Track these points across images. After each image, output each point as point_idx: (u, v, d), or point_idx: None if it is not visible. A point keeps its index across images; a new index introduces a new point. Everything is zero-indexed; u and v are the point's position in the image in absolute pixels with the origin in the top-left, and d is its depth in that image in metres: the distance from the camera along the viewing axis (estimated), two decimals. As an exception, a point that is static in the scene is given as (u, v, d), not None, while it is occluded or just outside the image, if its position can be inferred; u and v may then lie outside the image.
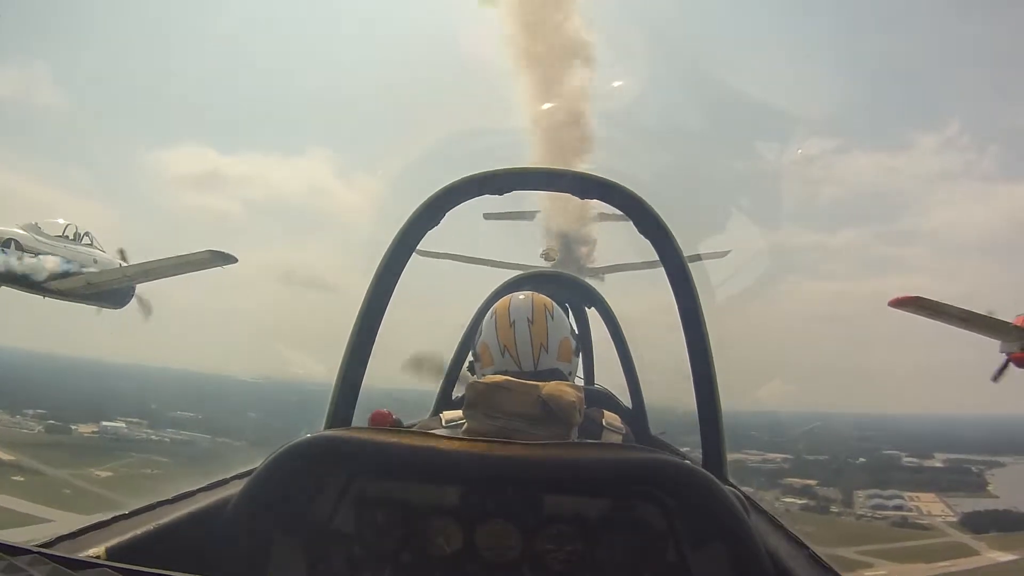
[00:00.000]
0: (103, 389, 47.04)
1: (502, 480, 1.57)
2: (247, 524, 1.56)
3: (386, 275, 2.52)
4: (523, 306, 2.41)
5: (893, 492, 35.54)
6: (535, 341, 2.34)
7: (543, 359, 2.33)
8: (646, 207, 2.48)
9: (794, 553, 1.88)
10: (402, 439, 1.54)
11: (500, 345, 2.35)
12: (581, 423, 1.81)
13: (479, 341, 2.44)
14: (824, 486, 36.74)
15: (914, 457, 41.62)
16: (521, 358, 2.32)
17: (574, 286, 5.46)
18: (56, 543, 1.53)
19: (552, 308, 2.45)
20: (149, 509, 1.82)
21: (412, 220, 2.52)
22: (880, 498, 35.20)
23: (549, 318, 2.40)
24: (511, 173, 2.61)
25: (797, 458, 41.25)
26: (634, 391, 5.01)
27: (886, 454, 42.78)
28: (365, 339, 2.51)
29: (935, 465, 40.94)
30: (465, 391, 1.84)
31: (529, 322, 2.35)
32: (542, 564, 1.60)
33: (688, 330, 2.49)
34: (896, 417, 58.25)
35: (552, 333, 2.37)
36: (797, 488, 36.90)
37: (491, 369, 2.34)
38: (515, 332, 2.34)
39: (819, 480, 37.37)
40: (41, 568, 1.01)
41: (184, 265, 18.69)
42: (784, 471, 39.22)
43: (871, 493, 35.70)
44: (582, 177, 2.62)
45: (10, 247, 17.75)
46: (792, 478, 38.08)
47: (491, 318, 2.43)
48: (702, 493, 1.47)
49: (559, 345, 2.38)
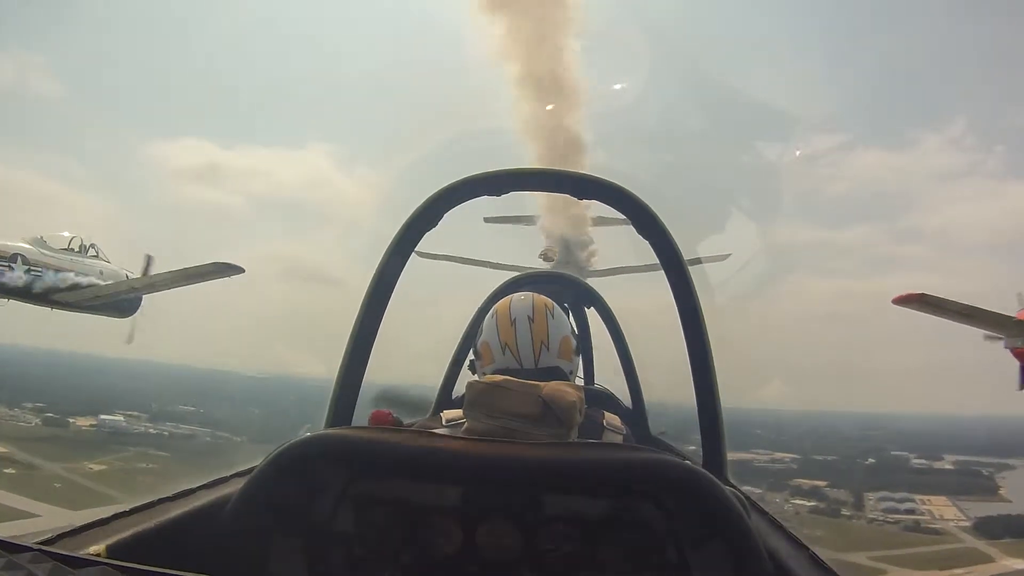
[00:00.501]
0: (103, 384, 46.78)
1: (502, 480, 1.55)
2: (247, 522, 1.55)
3: (385, 276, 2.53)
4: (524, 305, 2.42)
5: (904, 495, 34.94)
6: (536, 339, 2.36)
7: (544, 357, 2.35)
8: (645, 208, 2.49)
9: (794, 553, 1.88)
10: (402, 439, 1.56)
11: (501, 343, 2.37)
12: (582, 423, 1.79)
13: (480, 340, 2.46)
14: (834, 487, 36.12)
15: (923, 458, 41.18)
16: (522, 356, 2.34)
17: (574, 286, 5.45)
18: (57, 540, 1.54)
19: (552, 307, 2.46)
20: (150, 507, 1.82)
21: (410, 222, 2.53)
22: (891, 501, 34.48)
23: (550, 316, 2.41)
24: (509, 174, 2.62)
25: (805, 458, 40.97)
26: (634, 391, 5.02)
27: (894, 455, 42.40)
28: (365, 339, 2.53)
29: (945, 467, 40.50)
30: (465, 390, 1.83)
31: (530, 320, 2.37)
32: (542, 564, 1.59)
33: (688, 331, 2.49)
34: (900, 416, 58.25)
35: (553, 331, 2.39)
36: (806, 490, 36.30)
37: (492, 367, 2.36)
38: (516, 330, 2.36)
39: (828, 481, 36.82)
40: (42, 565, 1.02)
41: (190, 277, 18.68)
42: (793, 471, 38.78)
43: (882, 496, 34.98)
44: (581, 178, 2.62)
45: (16, 262, 17.64)
46: (801, 479, 37.58)
47: (492, 317, 2.45)
48: (702, 493, 1.47)
49: (560, 343, 2.40)
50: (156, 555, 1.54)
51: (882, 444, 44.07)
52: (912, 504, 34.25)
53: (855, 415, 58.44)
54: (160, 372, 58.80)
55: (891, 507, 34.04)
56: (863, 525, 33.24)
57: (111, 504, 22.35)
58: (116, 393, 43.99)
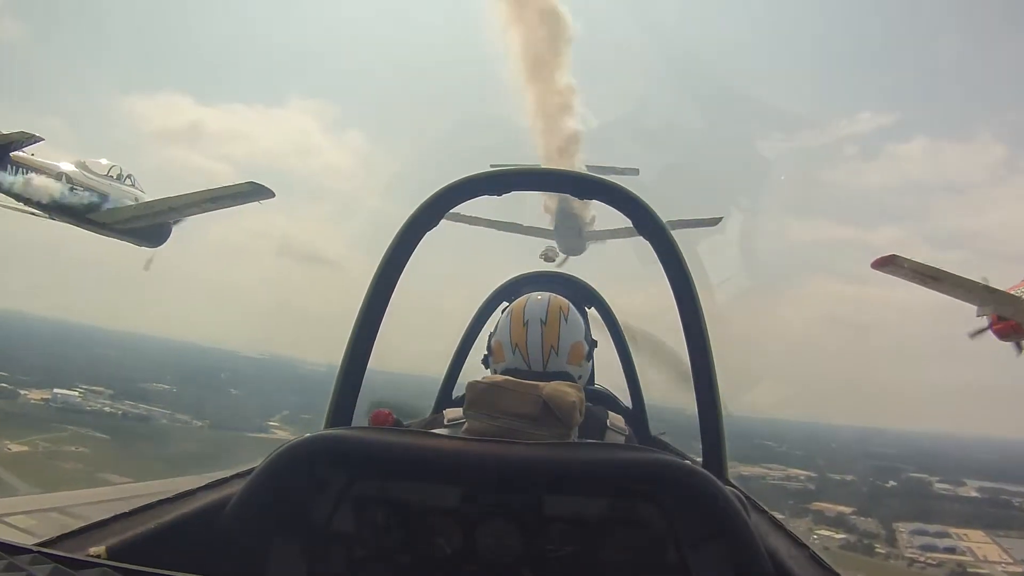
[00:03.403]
0: (80, 355, 42.86)
1: (502, 480, 1.52)
2: (247, 524, 1.53)
3: (386, 275, 2.45)
4: (538, 307, 2.40)
5: (939, 529, 30.90)
6: (546, 343, 2.34)
7: (552, 361, 2.33)
8: (646, 208, 2.45)
9: (794, 553, 1.81)
10: (402, 439, 1.57)
11: (512, 343, 2.36)
12: (585, 422, 1.74)
13: (494, 338, 2.47)
14: (860, 515, 32.25)
15: (946, 483, 37.78)
16: (531, 358, 2.34)
17: (574, 286, 4.96)
18: (57, 542, 1.51)
19: (568, 311, 2.44)
20: (150, 508, 1.76)
21: (411, 221, 2.46)
22: (927, 535, 30.48)
23: (563, 320, 2.39)
24: (511, 174, 2.62)
25: (821, 476, 38.09)
26: (634, 391, 4.91)
27: (915, 477, 39.08)
28: (366, 339, 2.43)
29: (971, 494, 36.86)
30: (465, 390, 1.76)
31: (542, 323, 2.36)
32: (542, 564, 1.56)
33: (688, 332, 2.42)
34: (904, 432, 54.08)
35: (564, 336, 2.37)
36: (831, 517, 32.35)
37: (502, 365, 2.38)
38: (527, 332, 2.35)
39: (854, 508, 32.98)
40: (42, 567, 0.99)
41: (224, 198, 18.64)
42: (811, 493, 35.45)
43: (915, 529, 30.88)
44: (581, 178, 2.63)
45: (62, 180, 18.35)
46: (822, 502, 33.89)
47: (507, 316, 2.45)
48: (702, 493, 1.46)
49: (570, 348, 2.37)
50: (156, 556, 1.53)
51: (895, 463, 41.14)
52: (950, 541, 30.07)
53: (856, 429, 54.64)
54: (155, 347, 55.24)
55: (928, 544, 29.78)
56: (902, 568, 28.96)
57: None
58: (97, 365, 40.12)
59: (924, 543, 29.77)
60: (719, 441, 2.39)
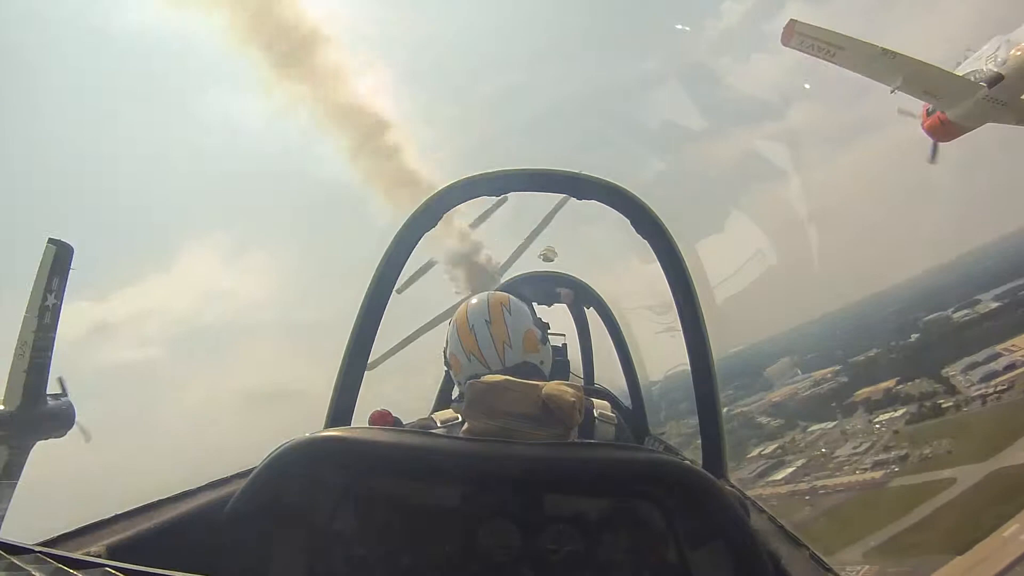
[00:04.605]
0: None
1: (502, 480, 1.53)
2: (247, 523, 1.51)
3: (384, 277, 2.49)
4: (479, 309, 2.34)
5: (987, 353, 27.69)
6: (497, 340, 2.28)
7: (508, 355, 2.26)
8: (644, 208, 2.46)
9: (794, 553, 1.81)
10: (402, 439, 1.55)
11: (466, 352, 2.28)
12: None
13: (448, 352, 2.39)
14: (906, 382, 29.05)
15: (964, 309, 34.50)
16: (488, 359, 2.26)
17: (574, 286, 5.14)
18: (57, 542, 1.52)
19: (508, 303, 2.37)
20: (150, 508, 1.77)
21: (409, 222, 2.49)
22: (980, 365, 27.17)
23: (507, 314, 2.32)
24: (508, 175, 2.61)
25: (846, 366, 34.96)
26: (634, 391, 4.96)
27: (931, 319, 35.88)
28: (364, 340, 2.48)
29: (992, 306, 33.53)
30: (465, 391, 1.73)
31: (488, 323, 2.29)
32: (542, 564, 1.54)
33: (687, 330, 2.44)
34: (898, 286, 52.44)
35: (512, 328, 2.30)
36: (880, 400, 29.10)
37: (463, 376, 2.31)
38: (476, 336, 2.28)
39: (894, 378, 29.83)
40: (42, 567, 0.99)
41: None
42: (847, 385, 32.17)
43: (965, 366, 27.65)
44: (580, 178, 2.59)
45: None
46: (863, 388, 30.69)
47: (453, 328, 2.38)
48: (702, 493, 1.45)
49: (523, 338, 2.30)
50: (156, 556, 1.53)
51: (905, 316, 38.24)
52: (1005, 359, 26.81)
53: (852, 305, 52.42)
54: None
55: (987, 372, 26.62)
56: (980, 410, 25.66)
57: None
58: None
59: (982, 374, 26.89)
60: (719, 441, 2.45)
